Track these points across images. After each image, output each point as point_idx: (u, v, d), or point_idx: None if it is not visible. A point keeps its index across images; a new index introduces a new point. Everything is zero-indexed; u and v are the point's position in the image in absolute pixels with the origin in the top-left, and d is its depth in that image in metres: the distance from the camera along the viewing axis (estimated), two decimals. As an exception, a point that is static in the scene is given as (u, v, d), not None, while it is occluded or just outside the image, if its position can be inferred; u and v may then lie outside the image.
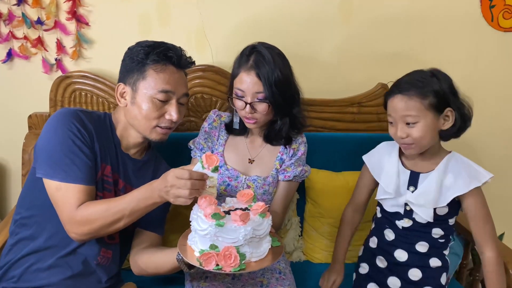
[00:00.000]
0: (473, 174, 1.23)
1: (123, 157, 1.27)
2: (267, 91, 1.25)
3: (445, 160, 1.26)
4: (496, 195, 2.06)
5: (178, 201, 1.05)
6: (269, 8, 1.75)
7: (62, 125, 1.15)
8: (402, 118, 1.21)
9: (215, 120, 1.44)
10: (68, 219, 1.12)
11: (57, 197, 1.13)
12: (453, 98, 1.21)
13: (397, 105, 1.21)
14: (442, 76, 1.23)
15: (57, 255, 1.17)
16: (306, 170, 1.44)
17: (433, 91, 1.19)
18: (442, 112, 1.20)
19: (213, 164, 1.06)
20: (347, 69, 1.84)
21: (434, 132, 1.22)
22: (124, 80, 1.24)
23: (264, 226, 0.97)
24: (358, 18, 1.80)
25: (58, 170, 1.13)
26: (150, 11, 1.70)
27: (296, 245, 1.67)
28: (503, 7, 1.83)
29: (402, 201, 1.29)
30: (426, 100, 1.18)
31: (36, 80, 1.72)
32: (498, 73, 1.92)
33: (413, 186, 1.28)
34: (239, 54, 1.34)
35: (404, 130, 1.21)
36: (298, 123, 1.38)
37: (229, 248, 0.91)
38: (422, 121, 1.19)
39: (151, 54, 1.21)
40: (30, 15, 1.66)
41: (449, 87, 1.21)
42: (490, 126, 1.97)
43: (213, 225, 0.91)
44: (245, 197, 1.05)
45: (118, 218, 1.12)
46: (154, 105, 1.21)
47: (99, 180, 1.20)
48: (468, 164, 1.26)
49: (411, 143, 1.22)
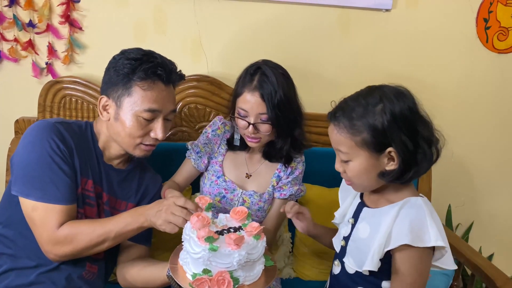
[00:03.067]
0: (416, 231, 0.94)
1: (106, 169, 1.23)
2: (270, 112, 1.23)
3: (400, 203, 0.99)
4: (486, 215, 2.08)
5: (168, 227, 1.03)
6: (266, 20, 1.74)
7: (39, 140, 1.09)
8: (336, 151, 1.02)
9: (219, 127, 1.42)
10: (47, 240, 1.07)
11: (33, 216, 1.08)
12: (400, 134, 0.94)
13: (330, 134, 1.01)
14: (396, 102, 0.95)
15: (39, 271, 1.12)
16: (302, 189, 1.43)
17: (370, 126, 0.94)
18: (383, 151, 0.96)
19: (206, 203, 1.06)
20: (343, 84, 1.84)
21: (371, 174, 0.99)
22: (107, 93, 1.17)
23: (259, 249, 0.94)
24: (357, 33, 1.79)
25: (34, 189, 1.07)
26: (146, 18, 1.68)
27: (287, 262, 1.64)
28: (498, 29, 1.85)
29: (342, 234, 1.11)
30: (358, 137, 0.95)
31: (25, 84, 1.67)
32: (492, 94, 1.93)
33: (354, 218, 1.09)
34: (243, 71, 1.31)
35: (341, 164, 1.02)
36: (300, 143, 1.37)
37: (222, 273, 0.88)
38: (355, 160, 0.98)
39: (138, 70, 1.12)
40: (22, 17, 1.61)
41: (400, 118, 0.94)
42: (482, 145, 1.99)
43: (207, 250, 0.89)
44: (238, 215, 1.02)
45: (102, 240, 1.08)
46: (139, 123, 1.14)
47: (80, 196, 1.15)
48: (422, 219, 0.96)
49: (348, 180, 1.04)
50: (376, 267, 0.98)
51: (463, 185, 2.03)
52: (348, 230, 1.09)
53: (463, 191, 2.04)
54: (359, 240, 1.05)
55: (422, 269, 0.98)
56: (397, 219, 0.97)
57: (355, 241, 1.06)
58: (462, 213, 2.05)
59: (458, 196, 2.04)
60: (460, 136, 1.96)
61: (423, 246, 0.94)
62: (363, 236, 1.03)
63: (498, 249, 2.10)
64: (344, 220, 1.12)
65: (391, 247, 0.96)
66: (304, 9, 1.74)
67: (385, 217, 1.00)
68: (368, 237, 1.02)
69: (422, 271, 0.98)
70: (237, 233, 0.96)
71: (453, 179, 2.01)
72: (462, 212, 2.05)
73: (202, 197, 1.09)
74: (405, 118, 0.95)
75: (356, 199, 1.13)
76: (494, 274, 1.39)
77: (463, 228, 2.08)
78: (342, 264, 1.09)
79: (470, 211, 2.06)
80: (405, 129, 0.95)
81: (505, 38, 1.87)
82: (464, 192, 2.04)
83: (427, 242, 0.94)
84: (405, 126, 0.95)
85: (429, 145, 0.98)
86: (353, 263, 1.05)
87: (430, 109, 1.04)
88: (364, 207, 1.07)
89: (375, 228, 1.01)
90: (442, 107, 1.89)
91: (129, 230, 1.08)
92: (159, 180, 1.36)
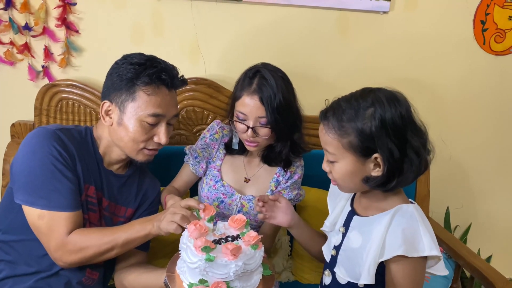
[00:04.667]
0: (410, 241, 0.93)
1: (107, 174, 1.22)
2: (269, 116, 1.22)
3: (392, 211, 0.98)
4: (484, 217, 2.08)
5: (171, 226, 1.02)
6: (264, 22, 1.73)
7: (41, 147, 1.08)
8: (324, 150, 1.00)
9: (217, 132, 1.41)
10: (57, 248, 1.07)
11: (40, 225, 1.07)
12: (388, 141, 0.92)
13: (319, 133, 1.00)
14: (387, 108, 0.92)
15: (37, 277, 1.11)
16: (301, 194, 1.42)
17: (357, 129, 0.92)
18: (369, 156, 0.95)
19: (209, 214, 1.04)
20: (342, 86, 1.83)
21: (356, 178, 0.97)
22: (110, 98, 1.17)
23: (256, 258, 0.93)
24: (355, 36, 1.79)
25: (39, 198, 1.06)
26: (143, 21, 1.67)
27: (285, 265, 1.63)
28: (495, 31, 1.86)
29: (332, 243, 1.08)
30: (345, 139, 0.94)
31: (21, 87, 1.66)
32: (490, 96, 1.93)
33: (345, 226, 1.06)
34: (241, 75, 1.30)
35: (327, 164, 1.00)
36: (299, 147, 1.36)
37: (219, 283, 0.87)
38: (341, 162, 0.97)
39: (142, 75, 1.12)
40: (18, 20, 1.60)
41: (390, 124, 0.92)
42: (480, 147, 1.99)
43: (203, 260, 0.88)
44: (237, 223, 1.01)
45: (111, 247, 1.08)
46: (142, 128, 1.15)
47: (83, 202, 1.15)
48: (414, 227, 0.95)
49: (334, 181, 1.02)
50: (373, 280, 0.96)
51: (461, 187, 2.03)
52: (339, 239, 1.06)
53: (461, 193, 2.04)
54: (350, 249, 1.02)
55: (417, 278, 0.96)
56: (389, 228, 0.95)
57: (346, 250, 1.03)
58: (460, 215, 2.05)
59: (456, 198, 2.04)
60: (458, 138, 1.96)
61: (417, 256, 0.92)
62: (355, 246, 1.01)
63: (496, 250, 2.10)
64: (334, 229, 1.09)
65: (385, 258, 0.94)
66: (303, 12, 1.73)
67: (376, 226, 0.98)
68: (360, 247, 1.00)
69: (417, 281, 0.96)
70: (234, 242, 0.95)
71: (451, 181, 2.01)
72: (461, 214, 2.05)
73: (206, 206, 1.07)
74: (394, 125, 0.92)
75: (347, 207, 1.10)
76: (493, 276, 1.39)
77: (461, 230, 2.08)
78: (333, 274, 1.06)
79: (468, 213, 2.06)
80: (393, 137, 0.92)
81: (502, 40, 1.87)
82: (462, 194, 2.04)
83: (421, 252, 0.92)
84: (394, 133, 0.92)
85: (418, 155, 0.94)
86: (344, 273, 1.02)
87: (428, 110, 1.02)
88: (355, 216, 1.05)
89: (366, 238, 0.99)
90: (440, 109, 1.90)
91: (136, 237, 1.08)
92: (158, 185, 1.35)
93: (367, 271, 0.96)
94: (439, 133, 1.91)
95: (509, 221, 2.11)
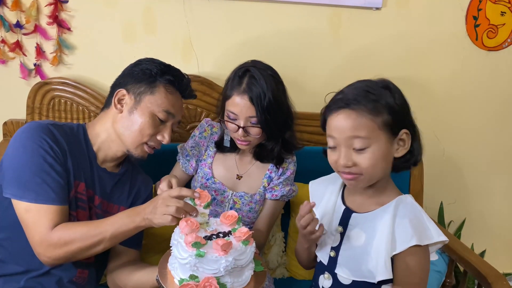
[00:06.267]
0: (419, 229, 0.94)
1: (100, 172, 1.22)
2: (259, 115, 1.23)
3: (393, 204, 0.98)
4: (477, 212, 2.10)
5: (165, 220, 1.00)
6: (257, 19, 1.73)
7: (31, 141, 1.08)
8: (348, 140, 0.94)
9: (205, 130, 1.41)
10: (40, 242, 1.05)
11: (27, 219, 1.06)
12: (408, 118, 0.98)
13: (342, 123, 0.95)
14: (395, 89, 0.97)
15: (28, 276, 1.11)
16: (294, 189, 1.42)
17: (388, 106, 0.94)
18: (397, 134, 0.95)
19: (205, 201, 1.04)
20: (335, 82, 1.83)
21: (387, 161, 0.96)
22: (128, 88, 1.20)
23: (247, 254, 0.93)
24: (347, 32, 1.79)
25: (27, 191, 1.06)
26: (135, 18, 1.66)
27: (280, 261, 1.63)
28: (487, 27, 1.86)
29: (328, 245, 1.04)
30: (379, 118, 0.93)
31: (13, 86, 1.65)
32: (482, 92, 1.94)
33: (342, 226, 1.03)
34: (231, 73, 1.30)
35: (349, 157, 0.94)
36: (291, 145, 1.36)
37: (209, 279, 0.87)
38: (374, 145, 0.93)
39: (167, 74, 1.21)
40: (9, 18, 1.59)
41: (403, 103, 0.97)
42: (473, 143, 2.00)
43: (193, 255, 0.88)
44: (229, 219, 1.01)
45: (98, 241, 1.06)
46: (153, 122, 1.19)
47: (72, 199, 1.14)
48: (418, 216, 0.97)
49: (358, 174, 0.96)
50: (391, 274, 0.95)
51: (455, 182, 2.04)
52: (337, 239, 1.04)
53: (454, 189, 2.05)
54: (353, 248, 1.00)
55: (427, 266, 0.97)
56: (395, 221, 0.95)
57: (349, 249, 1.01)
58: (454, 211, 2.06)
59: (449, 194, 2.05)
60: (451, 133, 1.97)
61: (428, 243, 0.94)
62: (358, 244, 1.00)
63: (490, 245, 2.12)
64: (329, 230, 1.06)
65: (398, 250, 0.93)
66: (295, 8, 1.73)
67: (380, 221, 0.97)
68: (364, 244, 0.98)
69: (427, 269, 0.97)
70: (225, 238, 0.95)
71: (444, 176, 2.02)
72: (454, 209, 2.06)
73: (201, 192, 1.04)
74: (407, 101, 0.99)
75: (339, 205, 1.06)
76: (486, 270, 1.40)
77: (455, 225, 2.09)
78: (333, 276, 1.03)
79: (462, 208, 2.07)
80: (409, 111, 0.99)
81: (495, 35, 1.87)
82: (456, 189, 2.05)
83: (431, 238, 0.94)
84: (409, 108, 0.99)
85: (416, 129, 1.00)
86: (348, 273, 1.00)
87: (421, 106, 1.04)
88: (353, 213, 1.03)
89: (371, 234, 0.98)
90: (433, 105, 1.90)
91: (125, 230, 1.06)
92: (151, 183, 1.35)
93: (383, 266, 0.94)
94: (432, 129, 1.92)
95: (503, 216, 2.12)
